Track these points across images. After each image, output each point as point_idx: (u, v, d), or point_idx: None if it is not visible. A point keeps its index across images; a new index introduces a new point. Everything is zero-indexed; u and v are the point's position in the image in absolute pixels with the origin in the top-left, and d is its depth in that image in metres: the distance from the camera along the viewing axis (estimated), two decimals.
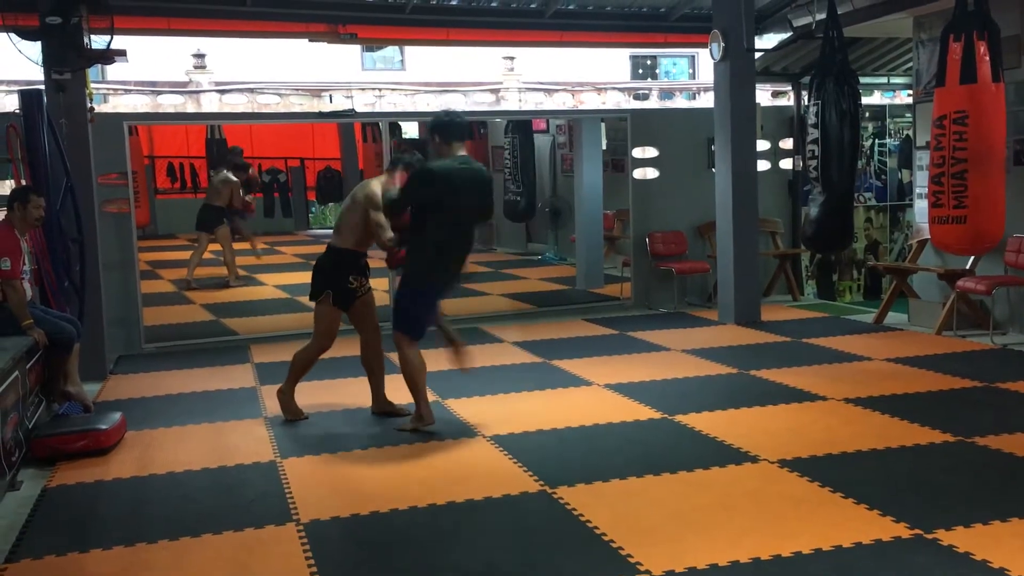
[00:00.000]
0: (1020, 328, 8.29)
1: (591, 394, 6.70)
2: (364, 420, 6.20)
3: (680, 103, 18.94)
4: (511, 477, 4.96)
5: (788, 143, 11.06)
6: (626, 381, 6.97)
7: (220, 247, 12.00)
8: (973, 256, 8.27)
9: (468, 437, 5.72)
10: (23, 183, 6.72)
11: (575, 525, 4.28)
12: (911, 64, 9.55)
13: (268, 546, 4.18)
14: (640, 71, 23.73)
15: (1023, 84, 7.95)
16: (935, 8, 8.43)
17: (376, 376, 6.26)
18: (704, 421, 5.88)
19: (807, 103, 8.07)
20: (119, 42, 7.63)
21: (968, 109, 6.65)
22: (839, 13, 7.98)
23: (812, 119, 7.80)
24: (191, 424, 6.19)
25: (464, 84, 17.98)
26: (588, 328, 9.27)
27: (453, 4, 10.05)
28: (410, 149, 6.94)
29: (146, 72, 15.97)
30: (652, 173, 10.46)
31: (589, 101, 18.35)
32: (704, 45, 9.34)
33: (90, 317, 7.29)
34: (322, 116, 11.54)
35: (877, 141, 11.39)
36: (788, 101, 11.61)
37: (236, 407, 6.59)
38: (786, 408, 6.18)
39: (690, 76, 23.71)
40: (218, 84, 17.08)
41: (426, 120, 5.75)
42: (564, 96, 18.34)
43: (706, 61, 12.48)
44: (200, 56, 17.55)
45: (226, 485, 5.00)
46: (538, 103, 17.79)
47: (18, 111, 6.98)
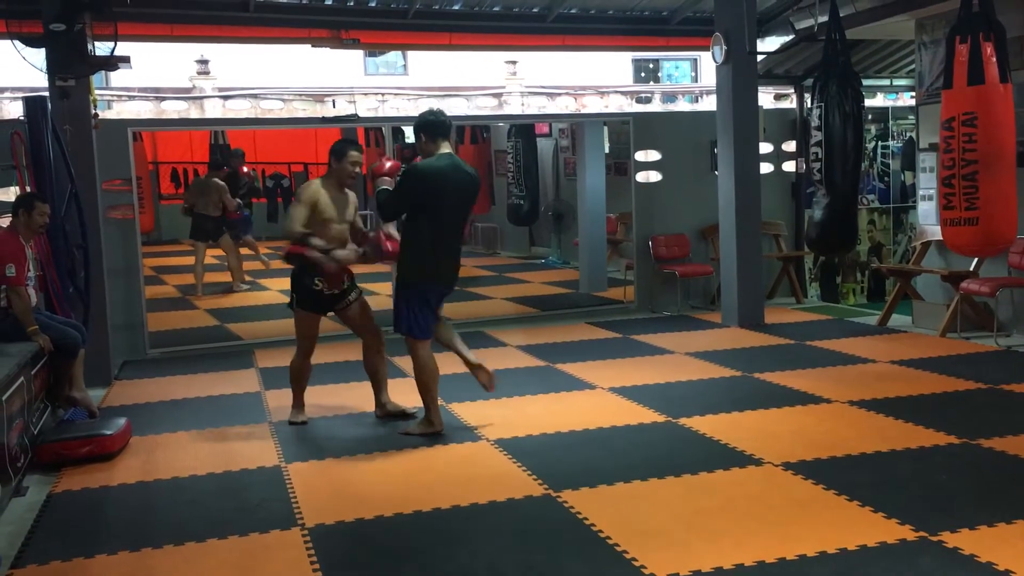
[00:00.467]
0: None
1: (595, 397, 6.70)
2: (368, 424, 6.20)
3: (683, 106, 18.92)
4: (515, 481, 4.96)
5: (791, 146, 11.06)
6: (630, 384, 6.97)
7: (223, 252, 12.02)
8: (986, 257, 8.23)
9: (472, 441, 5.73)
10: (28, 190, 6.74)
11: (579, 529, 4.28)
12: (914, 66, 9.55)
13: (273, 551, 4.19)
14: (642, 74, 23.71)
15: None
16: (937, 10, 8.43)
17: (379, 380, 6.27)
18: (708, 424, 5.88)
19: (810, 105, 8.06)
20: (123, 48, 7.66)
21: (976, 110, 6.60)
22: (841, 15, 7.97)
23: (815, 121, 7.78)
24: (196, 429, 6.21)
25: (466, 88, 17.98)
26: (591, 331, 9.28)
27: (455, 9, 10.05)
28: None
29: (150, 78, 15.99)
30: (655, 176, 10.47)
31: (592, 105, 18.33)
32: (706, 48, 9.34)
33: (95, 323, 7.30)
34: (325, 121, 11.55)
35: (880, 143, 11.39)
36: (791, 104, 11.62)
37: (240, 412, 6.61)
38: (790, 411, 6.17)
39: (692, 79, 23.68)
40: (221, 90, 17.10)
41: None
42: (567, 100, 18.33)
43: (708, 64, 12.48)
44: (203, 62, 17.56)
45: (231, 490, 5.00)
46: (541, 107, 17.78)
47: (22, 118, 6.99)
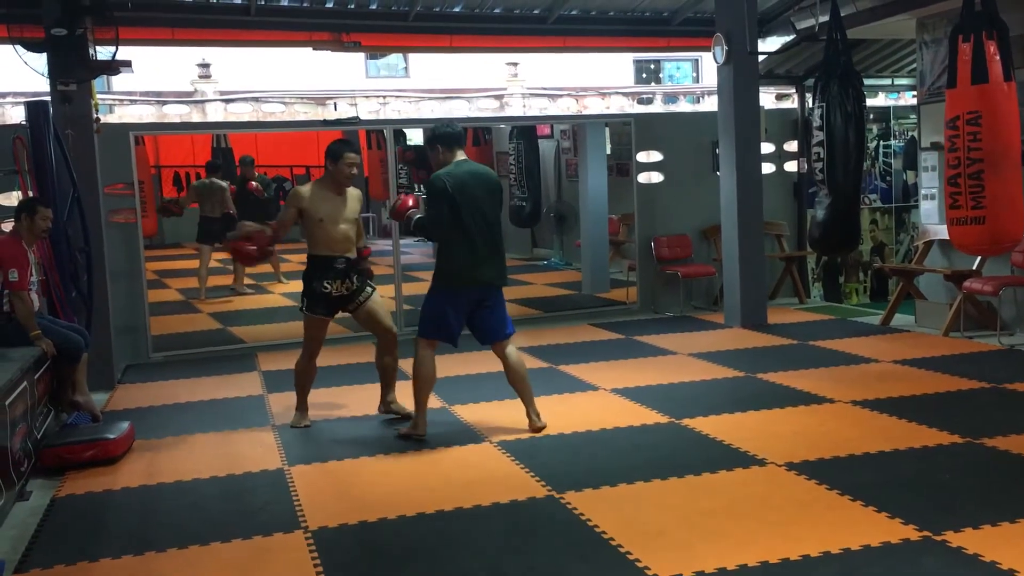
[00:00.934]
0: None
1: (598, 398, 6.70)
2: (371, 427, 6.21)
3: (684, 107, 18.96)
4: (518, 482, 4.96)
5: (793, 145, 11.05)
6: (633, 385, 6.97)
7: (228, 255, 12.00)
8: (993, 256, 8.20)
9: (475, 443, 5.73)
10: (30, 194, 6.75)
11: (582, 530, 4.28)
12: (915, 65, 9.54)
13: (276, 554, 4.19)
14: (644, 75, 23.73)
15: None
16: (938, 9, 8.42)
17: (388, 378, 6.29)
18: (711, 425, 5.88)
19: (811, 105, 8.05)
20: (124, 53, 7.67)
21: (981, 109, 6.58)
22: (842, 15, 7.97)
23: (817, 121, 7.77)
24: (199, 432, 6.21)
25: (468, 90, 18.01)
26: (594, 333, 9.27)
27: (456, 11, 10.05)
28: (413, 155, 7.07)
29: (151, 82, 16.04)
30: (657, 177, 10.47)
31: (593, 106, 18.37)
32: (707, 49, 9.33)
33: (98, 327, 7.31)
34: (327, 124, 11.52)
35: (882, 143, 11.37)
36: (792, 104, 11.61)
37: (243, 415, 6.61)
38: (793, 411, 6.17)
39: (694, 80, 23.69)
40: (223, 93, 17.15)
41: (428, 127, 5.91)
42: (568, 101, 18.37)
43: (710, 65, 12.47)
44: (205, 66, 17.61)
45: (234, 493, 5.01)
46: (542, 108, 17.82)
47: (24, 123, 7.00)
